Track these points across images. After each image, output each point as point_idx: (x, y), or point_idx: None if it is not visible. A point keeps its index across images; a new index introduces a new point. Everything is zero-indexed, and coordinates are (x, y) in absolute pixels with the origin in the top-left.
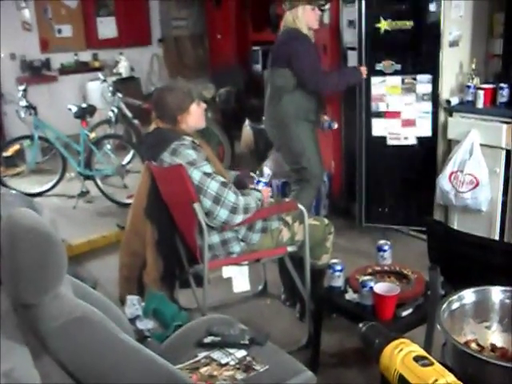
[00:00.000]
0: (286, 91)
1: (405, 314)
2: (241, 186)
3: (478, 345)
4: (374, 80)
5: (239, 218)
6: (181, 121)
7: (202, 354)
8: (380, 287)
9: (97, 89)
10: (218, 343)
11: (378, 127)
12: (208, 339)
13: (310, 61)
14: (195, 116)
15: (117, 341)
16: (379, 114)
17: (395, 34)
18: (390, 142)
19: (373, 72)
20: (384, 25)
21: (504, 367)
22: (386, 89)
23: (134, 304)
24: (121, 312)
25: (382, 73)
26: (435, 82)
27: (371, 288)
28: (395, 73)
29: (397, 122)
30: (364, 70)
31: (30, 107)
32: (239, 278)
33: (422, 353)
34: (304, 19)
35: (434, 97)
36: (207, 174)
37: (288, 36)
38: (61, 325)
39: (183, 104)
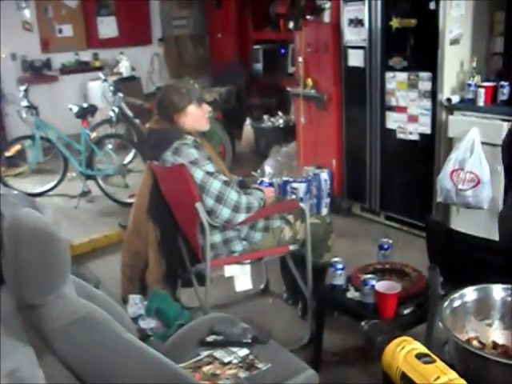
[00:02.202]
0: None
1: (406, 312)
2: (243, 187)
3: (480, 342)
4: (387, 75)
5: (241, 217)
6: (177, 120)
7: (204, 353)
8: (381, 285)
9: (98, 88)
10: (221, 342)
11: (390, 120)
12: (210, 338)
13: None
14: (193, 117)
15: (121, 340)
16: (391, 108)
17: (403, 32)
18: (398, 136)
19: (386, 67)
20: (395, 23)
21: (505, 364)
22: (396, 84)
23: (136, 303)
24: (124, 311)
25: (393, 68)
26: (435, 80)
27: (373, 286)
28: (403, 69)
29: (404, 116)
30: None
31: (32, 107)
32: (241, 277)
33: (424, 350)
34: None
35: (433, 95)
36: (210, 173)
37: None
38: (65, 324)
39: (179, 104)
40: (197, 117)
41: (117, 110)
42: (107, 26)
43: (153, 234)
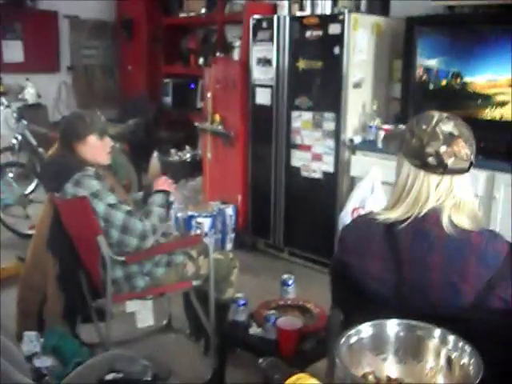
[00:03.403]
0: None
1: (307, 347)
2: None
3: (375, 377)
4: (293, 114)
5: (150, 242)
6: (76, 149)
7: None
8: (283, 321)
9: None
10: (120, 380)
11: (295, 158)
12: (110, 376)
13: None
14: (93, 149)
15: (11, 382)
16: (296, 146)
17: (309, 73)
18: (302, 174)
19: (292, 107)
20: (302, 64)
21: None
22: (301, 123)
23: (31, 340)
24: (17, 350)
25: (299, 108)
26: (338, 121)
27: (275, 322)
28: (308, 109)
29: (308, 154)
30: None
31: None
32: (143, 313)
33: None
34: None
35: (337, 134)
36: (111, 205)
37: None
38: None
39: (80, 132)
40: (97, 149)
41: (20, 137)
42: (13, 51)
43: (52, 268)
